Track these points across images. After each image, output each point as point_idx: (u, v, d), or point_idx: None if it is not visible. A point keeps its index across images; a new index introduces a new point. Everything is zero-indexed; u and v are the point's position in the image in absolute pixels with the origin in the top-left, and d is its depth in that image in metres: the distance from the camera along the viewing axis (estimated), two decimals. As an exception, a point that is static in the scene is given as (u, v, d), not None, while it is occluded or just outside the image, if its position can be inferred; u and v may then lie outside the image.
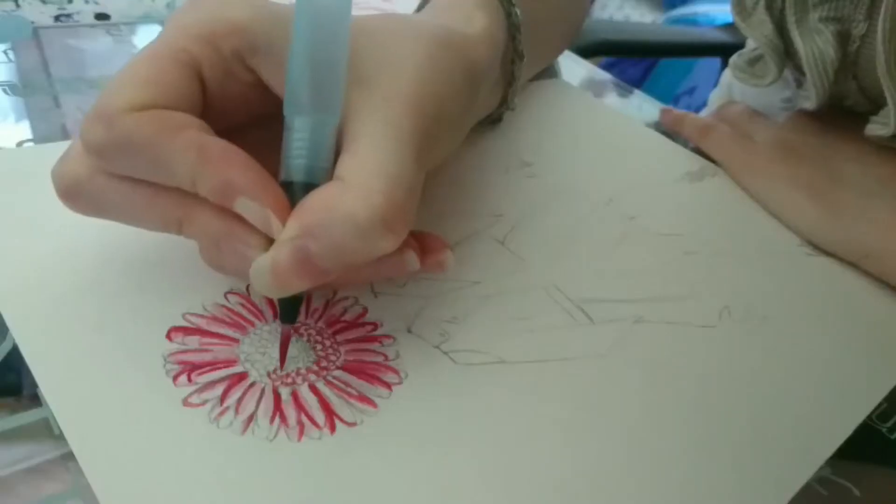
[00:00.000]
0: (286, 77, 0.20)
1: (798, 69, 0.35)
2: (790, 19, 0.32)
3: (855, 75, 0.32)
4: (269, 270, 0.19)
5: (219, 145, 0.20)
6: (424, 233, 0.23)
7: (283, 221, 0.19)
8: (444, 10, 0.28)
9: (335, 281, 0.22)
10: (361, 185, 0.19)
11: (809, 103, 0.34)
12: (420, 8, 0.32)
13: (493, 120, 0.35)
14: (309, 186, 0.20)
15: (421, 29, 0.24)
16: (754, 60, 0.36)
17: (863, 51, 0.31)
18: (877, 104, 0.32)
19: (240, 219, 0.20)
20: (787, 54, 0.34)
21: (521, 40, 0.31)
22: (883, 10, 0.28)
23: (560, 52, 0.44)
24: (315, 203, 0.19)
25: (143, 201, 0.21)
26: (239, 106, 0.22)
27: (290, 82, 0.20)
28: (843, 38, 0.31)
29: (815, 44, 0.32)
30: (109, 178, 0.20)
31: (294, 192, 0.20)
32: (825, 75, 0.32)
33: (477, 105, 0.27)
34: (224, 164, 0.19)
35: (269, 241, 0.20)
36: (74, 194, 0.21)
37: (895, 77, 0.29)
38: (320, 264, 0.19)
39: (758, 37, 0.34)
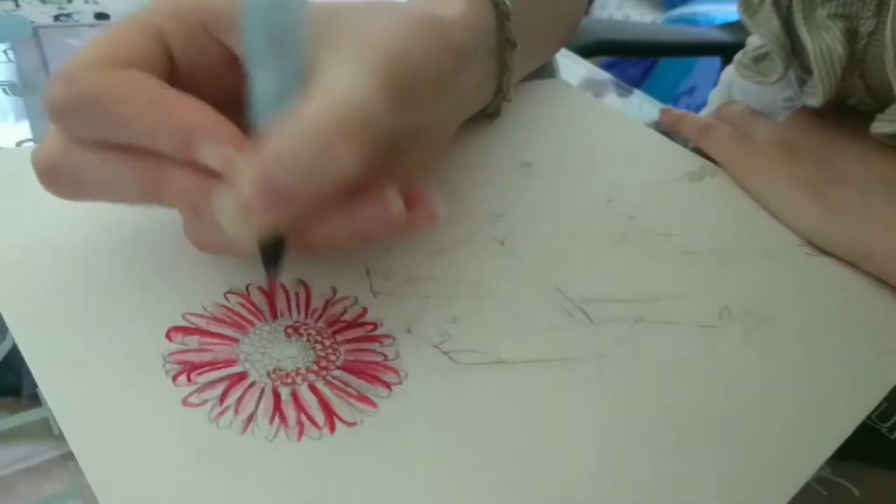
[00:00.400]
0: (241, 31, 0.20)
1: (803, 67, 0.35)
2: (797, 16, 0.32)
3: (862, 73, 0.32)
4: (235, 204, 0.18)
5: (172, 93, 0.20)
6: (413, 190, 0.22)
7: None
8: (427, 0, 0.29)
9: (318, 239, 0.21)
10: (322, 102, 0.19)
11: (815, 100, 0.34)
12: None
13: (489, 113, 0.35)
14: None
15: (402, 9, 0.24)
16: (760, 58, 0.36)
17: (870, 48, 0.31)
18: (882, 103, 0.32)
19: (213, 176, 0.19)
20: (793, 52, 0.34)
21: (510, 28, 0.31)
22: (892, 6, 0.28)
23: (558, 47, 0.44)
24: (274, 132, 0.19)
25: (116, 169, 0.21)
26: (212, 81, 0.22)
27: (245, 36, 0.20)
28: (850, 35, 0.31)
29: (824, 40, 0.32)
30: (83, 151, 0.21)
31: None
32: (833, 72, 0.32)
33: (462, 89, 0.27)
34: (180, 111, 0.19)
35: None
36: (53, 175, 0.21)
37: None
38: (285, 185, 0.18)
39: (764, 34, 0.34)
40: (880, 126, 0.31)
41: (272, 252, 0.21)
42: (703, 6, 1.26)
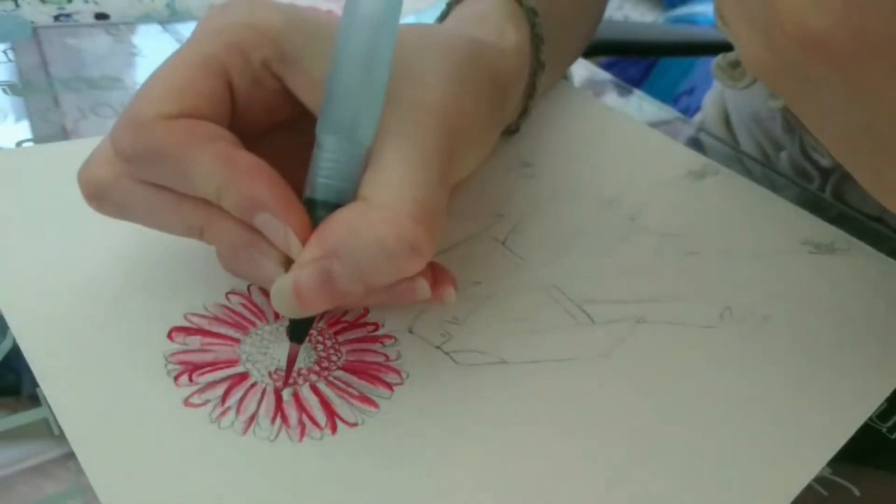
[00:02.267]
0: (325, 94, 0.20)
1: None
2: None
3: None
4: (292, 291, 0.19)
5: (246, 159, 0.20)
6: (435, 263, 0.23)
7: (303, 241, 0.19)
8: (473, 21, 0.28)
9: (347, 305, 0.22)
10: (388, 206, 0.19)
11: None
12: (443, 16, 0.31)
13: (511, 132, 0.35)
14: (333, 206, 0.20)
15: (450, 42, 0.24)
16: (736, 63, 0.36)
17: None
18: None
19: (260, 232, 0.20)
20: None
21: (544, 50, 0.31)
22: None
23: (575, 59, 0.43)
24: (340, 223, 0.19)
25: (166, 207, 0.21)
26: (264, 112, 0.22)
27: (327, 101, 0.20)
28: None
29: None
30: (135, 184, 0.21)
31: (318, 211, 0.20)
32: None
33: (505, 117, 0.27)
34: (249, 179, 0.19)
35: (287, 257, 0.20)
36: (100, 197, 0.21)
37: None
38: (342, 286, 0.19)
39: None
40: None
41: (303, 323, 0.21)
42: (703, 6, 1.26)
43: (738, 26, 0.17)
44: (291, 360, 0.21)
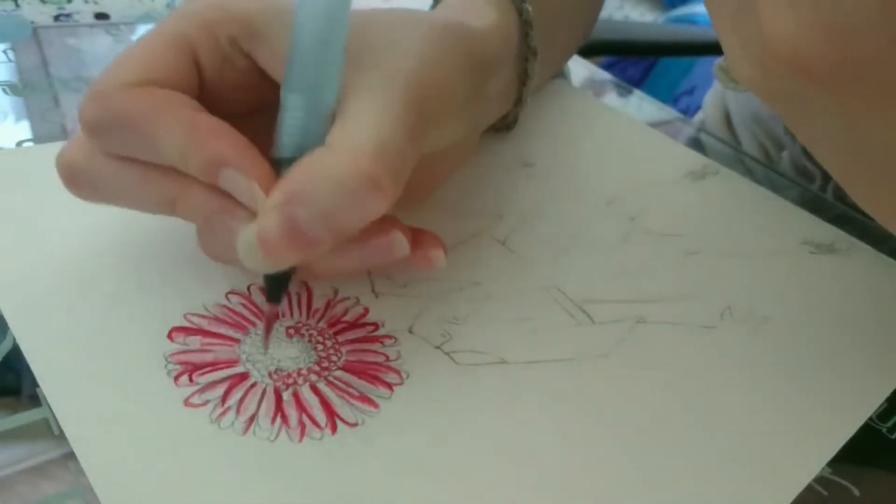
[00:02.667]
0: (287, 56, 0.20)
1: None
2: None
3: None
4: (257, 241, 0.19)
5: (207, 120, 0.20)
6: (418, 228, 0.23)
7: (268, 193, 0.19)
8: (455, 7, 0.29)
9: (324, 270, 0.22)
10: (347, 147, 0.19)
11: None
12: (434, 5, 0.32)
13: (509, 123, 0.35)
14: None
15: (428, 18, 0.24)
16: None
17: None
18: None
19: (230, 197, 0.20)
20: None
21: (533, 36, 0.31)
22: None
23: (574, 51, 0.43)
24: (301, 169, 0.19)
25: (137, 180, 0.21)
26: (236, 92, 0.23)
27: (288, 61, 0.20)
28: None
29: None
30: (105, 160, 0.21)
31: (283, 169, 0.20)
32: None
33: (487, 100, 0.27)
34: (210, 138, 0.19)
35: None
36: (74, 178, 0.22)
37: None
38: (310, 231, 0.19)
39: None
40: None
41: (278, 282, 0.21)
42: (703, 6, 1.26)
43: (731, 48, 0.17)
44: (269, 322, 0.21)
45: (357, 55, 0.21)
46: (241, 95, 0.23)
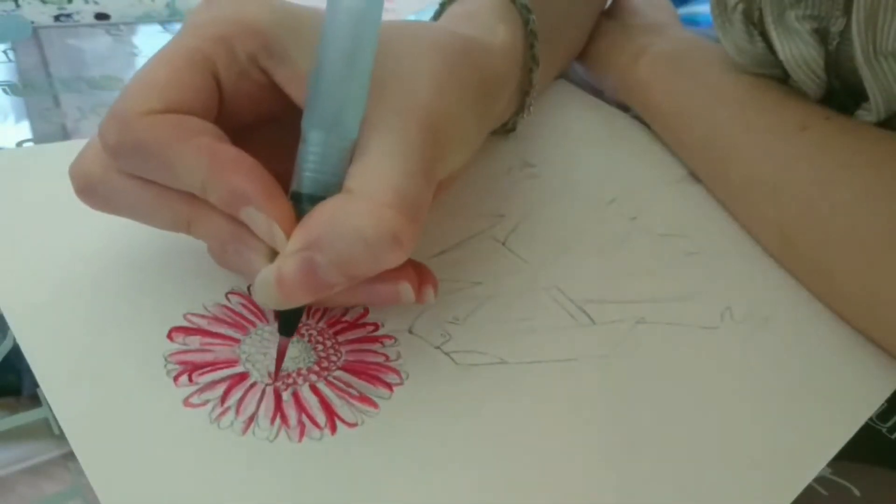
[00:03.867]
0: (309, 89, 0.20)
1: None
2: (768, 20, 0.32)
3: (837, 74, 0.32)
4: (274, 282, 0.19)
5: (230, 153, 0.20)
6: (419, 263, 0.23)
7: (288, 234, 0.19)
8: (464, 19, 0.28)
9: (329, 302, 0.22)
10: (370, 197, 0.19)
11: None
12: (437, 16, 0.31)
13: (508, 129, 0.35)
14: (319, 200, 0.20)
15: (439, 41, 0.24)
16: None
17: (842, 47, 0.30)
18: (857, 102, 0.31)
19: (245, 226, 0.20)
20: (771, 60, 0.33)
21: (538, 48, 0.31)
22: (856, 1, 0.28)
23: (573, 57, 0.43)
24: (322, 215, 0.19)
25: (153, 201, 0.21)
26: (250, 106, 0.22)
27: (312, 96, 0.20)
28: (822, 36, 0.30)
29: (795, 45, 0.31)
30: (123, 177, 0.21)
31: (304, 205, 0.20)
32: (814, 75, 0.31)
33: (495, 116, 0.27)
34: (233, 173, 0.19)
35: (273, 249, 0.20)
36: (89, 191, 0.21)
37: (873, 67, 0.28)
38: (325, 277, 0.19)
39: (733, 49, 0.34)
40: (862, 115, 0.31)
41: (292, 316, 0.21)
42: (703, 6, 1.25)
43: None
44: (281, 354, 0.21)
45: (372, 87, 0.21)
46: (255, 107, 0.23)
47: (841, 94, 0.32)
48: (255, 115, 0.23)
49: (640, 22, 0.43)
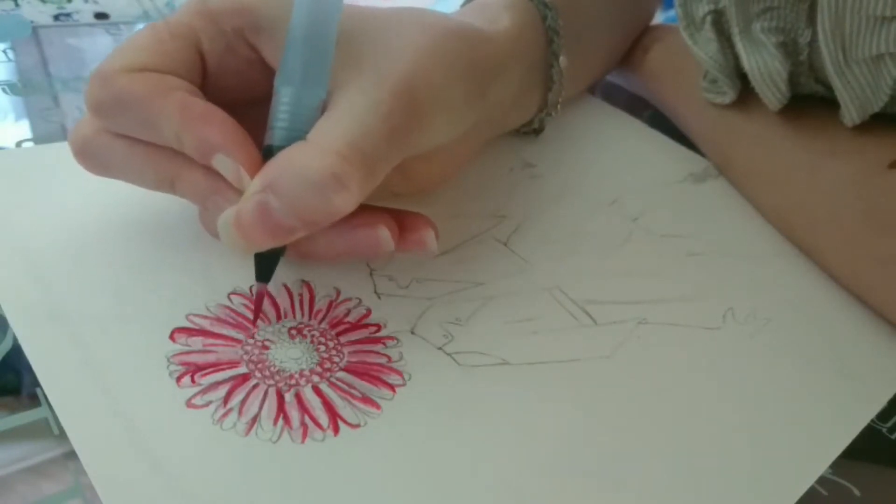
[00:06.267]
0: (285, 50, 0.21)
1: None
2: (734, 31, 0.32)
3: (818, 80, 0.32)
4: (233, 223, 0.20)
5: (201, 105, 0.21)
6: (407, 211, 0.23)
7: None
8: (472, 11, 0.29)
9: (309, 250, 0.23)
10: (320, 143, 0.20)
11: (770, 107, 0.33)
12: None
13: (535, 129, 0.35)
14: None
15: (430, 20, 0.24)
16: (714, 80, 0.35)
17: (814, 55, 0.30)
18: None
19: (223, 178, 0.21)
20: (739, 72, 0.33)
21: (559, 43, 0.31)
22: (820, 11, 0.28)
23: (618, 57, 0.42)
24: (278, 160, 0.20)
25: (139, 159, 0.22)
26: (240, 83, 0.23)
27: (285, 55, 0.21)
28: (790, 49, 0.30)
29: (760, 56, 0.31)
30: (111, 137, 0.22)
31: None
32: (776, 88, 0.31)
33: (490, 102, 0.27)
34: (204, 123, 0.21)
35: None
36: (84, 152, 0.23)
37: (844, 75, 0.28)
38: (281, 220, 0.20)
39: (704, 59, 0.34)
40: (842, 117, 0.31)
41: (267, 261, 0.22)
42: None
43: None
44: (258, 300, 0.22)
45: (352, 53, 0.22)
46: (245, 84, 0.23)
47: (817, 87, 0.32)
48: (247, 93, 0.24)
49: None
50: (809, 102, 0.32)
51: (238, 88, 0.23)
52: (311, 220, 0.20)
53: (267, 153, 0.21)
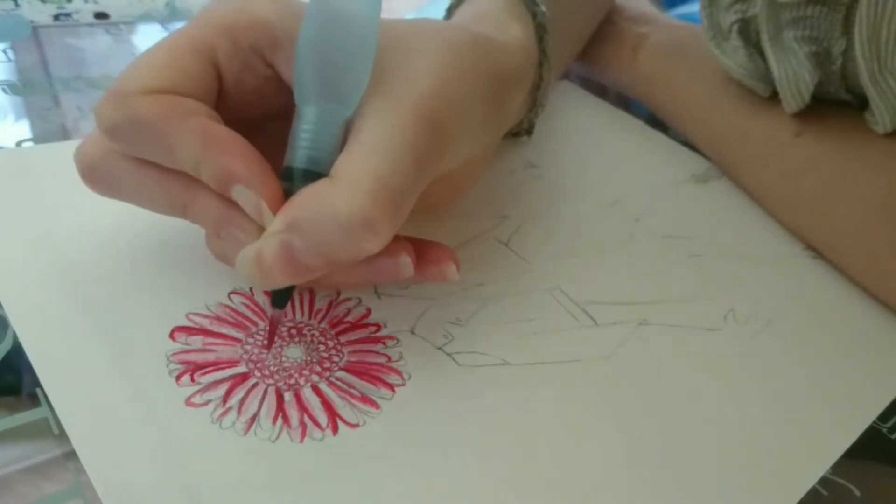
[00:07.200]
0: (294, 64, 0.20)
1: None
2: (764, 38, 0.32)
3: (848, 89, 0.32)
4: (254, 262, 0.19)
5: (222, 133, 0.20)
6: (430, 241, 0.23)
7: (276, 213, 0.19)
8: (474, 18, 0.28)
9: (328, 280, 0.22)
10: (348, 182, 0.19)
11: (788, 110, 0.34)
12: (447, 16, 0.31)
13: (525, 130, 0.34)
14: (310, 175, 0.20)
15: (449, 34, 0.24)
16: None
17: (848, 64, 0.30)
18: (864, 102, 0.32)
19: (239, 206, 0.20)
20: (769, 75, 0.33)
21: (548, 41, 0.31)
22: (857, 22, 0.28)
23: (579, 50, 0.43)
24: (304, 198, 0.19)
25: (151, 183, 0.21)
26: (256, 99, 0.22)
27: (297, 70, 0.20)
28: (822, 58, 0.31)
29: (790, 64, 0.31)
30: (122, 160, 0.21)
31: (295, 180, 0.20)
32: (799, 96, 0.31)
33: (508, 113, 0.27)
34: (225, 152, 0.20)
35: (263, 231, 0.20)
36: (91, 175, 0.22)
37: (879, 85, 0.29)
38: (303, 260, 0.19)
39: (733, 67, 0.34)
40: (871, 123, 0.31)
41: (283, 290, 0.21)
42: (696, 6, 1.26)
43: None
44: (272, 326, 0.22)
45: (374, 74, 0.21)
46: (260, 101, 0.23)
47: (846, 95, 0.32)
48: (263, 110, 0.23)
49: (630, 14, 0.43)
50: (813, 103, 0.32)
51: (252, 105, 0.23)
52: (335, 262, 0.19)
53: (287, 174, 0.20)
